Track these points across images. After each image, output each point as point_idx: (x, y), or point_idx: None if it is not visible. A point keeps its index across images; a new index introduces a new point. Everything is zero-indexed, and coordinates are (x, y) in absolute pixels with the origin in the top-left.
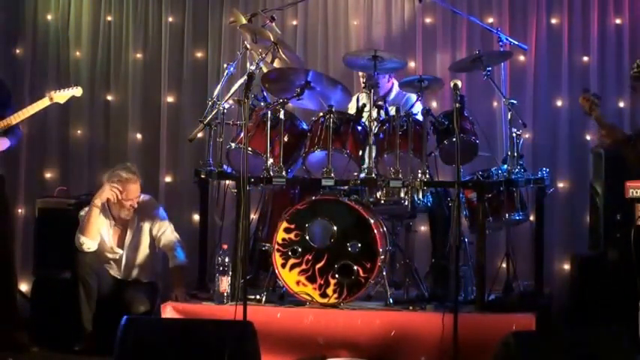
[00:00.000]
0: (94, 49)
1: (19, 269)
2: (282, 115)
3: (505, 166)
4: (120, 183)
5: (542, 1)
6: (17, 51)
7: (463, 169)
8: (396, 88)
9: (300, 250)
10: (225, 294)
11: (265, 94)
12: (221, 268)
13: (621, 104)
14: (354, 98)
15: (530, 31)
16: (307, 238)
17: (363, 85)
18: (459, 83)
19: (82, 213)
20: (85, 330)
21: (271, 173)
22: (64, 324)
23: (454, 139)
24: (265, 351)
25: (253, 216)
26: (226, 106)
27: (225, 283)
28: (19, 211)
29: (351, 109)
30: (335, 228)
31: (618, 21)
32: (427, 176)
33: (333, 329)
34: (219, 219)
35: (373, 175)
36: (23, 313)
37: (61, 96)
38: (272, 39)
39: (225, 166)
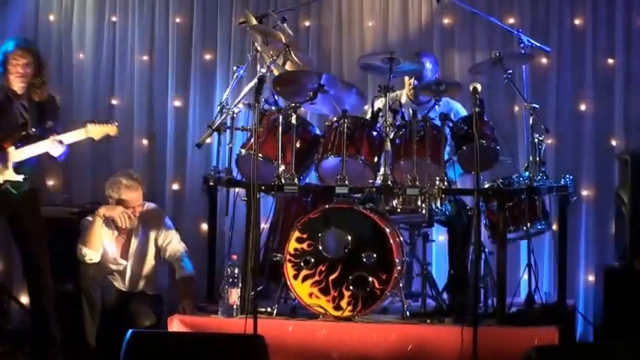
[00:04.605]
0: (98, 51)
1: (19, 280)
2: (294, 120)
3: (527, 173)
4: (120, 191)
5: (565, 1)
6: None
7: (483, 177)
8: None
9: (312, 260)
10: (235, 306)
11: (277, 98)
12: (230, 280)
13: None
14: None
15: (552, 32)
16: (320, 248)
17: (411, 92)
18: (479, 86)
19: (84, 222)
20: (89, 344)
21: (283, 180)
22: (66, 338)
23: (473, 145)
24: None
25: (264, 225)
26: (236, 110)
27: (234, 296)
28: None
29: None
30: (349, 238)
31: None
32: (445, 184)
33: (348, 343)
34: (229, 228)
35: (389, 183)
36: (24, 326)
37: (97, 131)
38: (284, 40)
39: (234, 173)
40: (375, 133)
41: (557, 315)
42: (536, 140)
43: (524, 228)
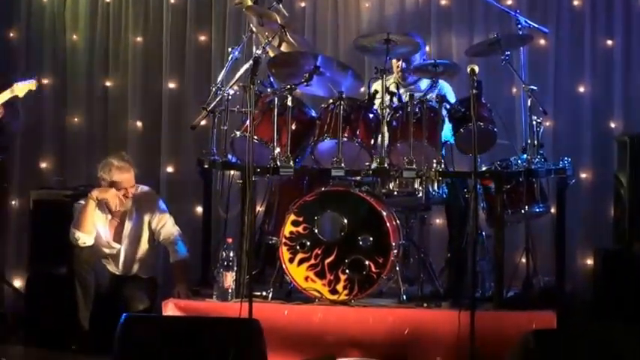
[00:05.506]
0: (92, 32)
1: (13, 264)
2: (289, 102)
3: (525, 155)
4: (112, 173)
5: None
6: (10, 34)
7: (480, 159)
8: None
9: (308, 244)
10: (230, 290)
11: (272, 79)
12: (225, 263)
13: None
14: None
15: (550, 13)
16: (316, 231)
17: (399, 75)
18: (476, 68)
19: (77, 205)
20: (82, 328)
21: (278, 163)
22: (59, 322)
23: (471, 127)
24: (272, 350)
25: (259, 208)
26: (231, 92)
27: (229, 279)
28: (12, 202)
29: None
30: (345, 221)
31: None
32: (442, 166)
33: (344, 327)
34: (224, 211)
35: (386, 165)
36: (17, 310)
37: (21, 89)
38: (279, 21)
39: (229, 156)
40: (371, 116)
41: (555, 299)
42: (534, 122)
43: (522, 211)
